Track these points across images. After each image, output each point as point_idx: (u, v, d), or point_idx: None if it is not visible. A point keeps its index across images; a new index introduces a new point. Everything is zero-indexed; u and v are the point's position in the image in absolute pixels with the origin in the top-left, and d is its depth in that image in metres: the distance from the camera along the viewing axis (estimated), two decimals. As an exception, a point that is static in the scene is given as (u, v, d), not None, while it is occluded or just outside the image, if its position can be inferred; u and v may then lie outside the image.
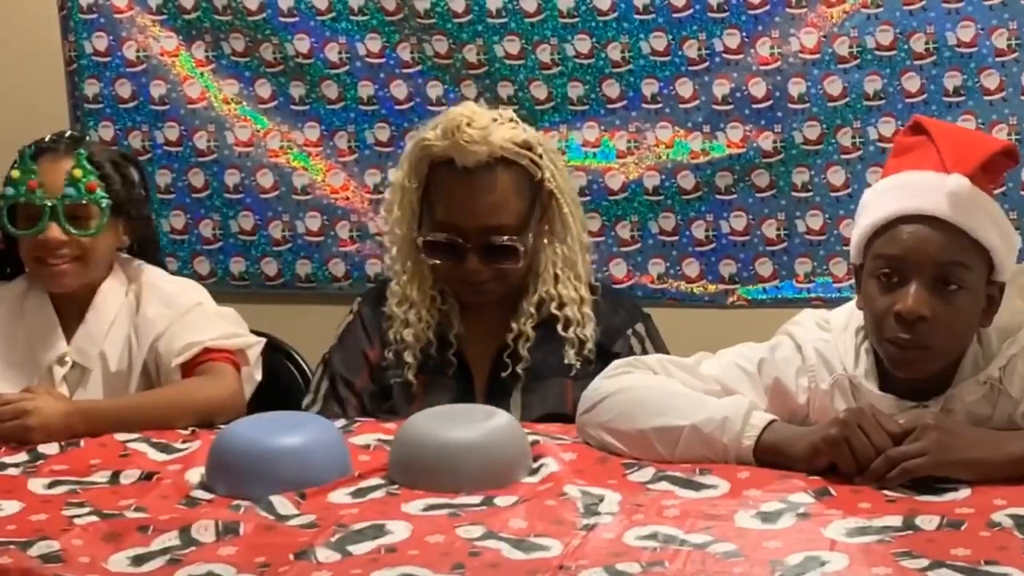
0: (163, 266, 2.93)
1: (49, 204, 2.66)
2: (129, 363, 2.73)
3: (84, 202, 2.68)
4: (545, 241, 2.68)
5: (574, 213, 2.69)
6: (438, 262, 2.64)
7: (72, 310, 2.74)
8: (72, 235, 2.67)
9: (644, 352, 2.62)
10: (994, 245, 2.13)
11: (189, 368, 2.66)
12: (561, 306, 2.64)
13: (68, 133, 2.81)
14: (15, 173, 2.69)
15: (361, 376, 2.71)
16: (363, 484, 2.14)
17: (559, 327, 2.63)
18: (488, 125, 2.59)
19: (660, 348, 2.68)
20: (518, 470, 2.16)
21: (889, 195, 2.17)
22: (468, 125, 2.57)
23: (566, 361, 2.62)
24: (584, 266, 2.70)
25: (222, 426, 2.39)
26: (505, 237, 2.58)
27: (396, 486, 2.12)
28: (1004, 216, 2.18)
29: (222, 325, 2.73)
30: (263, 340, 2.80)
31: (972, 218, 2.11)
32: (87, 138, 2.85)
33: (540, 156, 2.64)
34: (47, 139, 2.76)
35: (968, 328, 2.16)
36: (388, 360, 2.69)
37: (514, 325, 2.64)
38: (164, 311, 2.73)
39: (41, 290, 2.76)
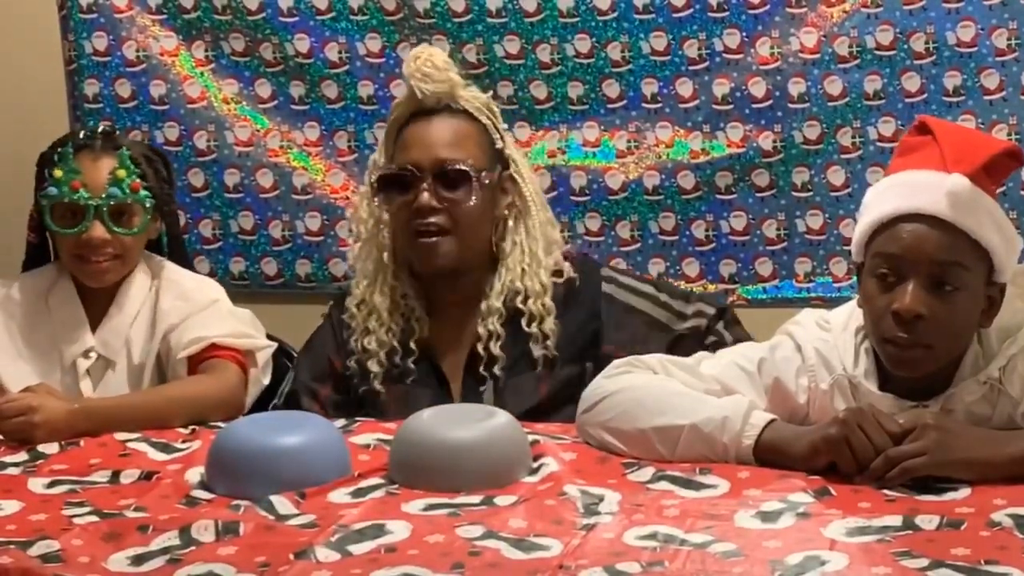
0: (190, 262, 2.96)
1: (93, 204, 2.68)
2: (146, 354, 2.75)
3: (129, 202, 2.70)
4: (511, 223, 2.67)
5: (536, 200, 2.69)
6: (386, 204, 2.64)
7: (98, 304, 2.77)
8: (116, 234, 2.70)
9: (622, 285, 2.66)
10: (994, 246, 2.13)
11: (195, 362, 2.68)
12: (526, 300, 2.62)
13: (101, 128, 2.81)
14: (57, 172, 2.70)
15: (326, 386, 2.70)
16: (363, 484, 2.14)
17: (523, 322, 2.62)
18: (448, 63, 2.64)
19: (631, 274, 2.74)
20: (518, 470, 2.16)
21: (890, 193, 2.18)
22: (429, 56, 2.62)
23: (535, 354, 2.62)
24: (546, 253, 2.66)
25: (222, 425, 2.40)
26: (459, 165, 2.59)
27: (396, 486, 2.12)
28: (1005, 217, 2.17)
29: (233, 323, 2.75)
30: (274, 344, 2.81)
31: (972, 218, 2.11)
32: (118, 133, 2.86)
33: (501, 135, 2.68)
34: (81, 136, 2.77)
35: (967, 328, 2.16)
36: (351, 369, 2.67)
37: (481, 329, 2.61)
38: (179, 303, 2.76)
39: (69, 283, 2.78)
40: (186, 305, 2.75)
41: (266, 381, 2.76)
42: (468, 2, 3.68)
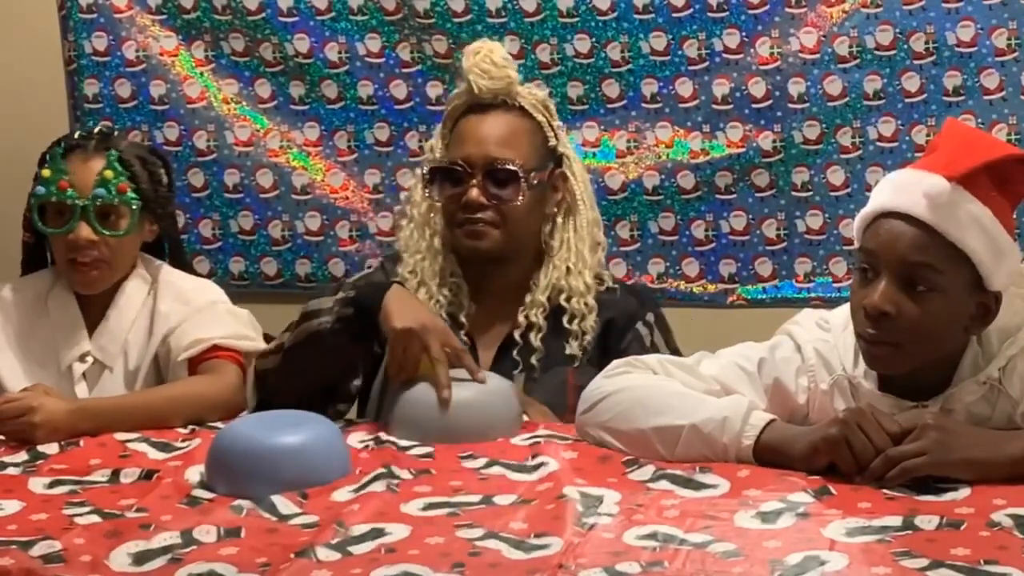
0: (189, 265, 2.96)
1: (80, 204, 2.68)
2: (143, 357, 2.74)
3: (115, 203, 2.70)
4: (561, 220, 2.70)
5: (586, 200, 2.73)
6: (437, 195, 2.66)
7: (96, 308, 2.77)
8: (102, 235, 2.69)
9: (653, 341, 2.65)
10: (977, 253, 2.09)
11: (195, 364, 2.68)
12: (569, 298, 2.66)
13: (98, 129, 2.81)
14: (46, 172, 2.70)
15: None
16: (364, 482, 2.14)
17: (564, 319, 2.65)
18: (507, 59, 2.67)
19: (669, 337, 2.70)
20: (508, 427, 2.34)
21: (883, 189, 2.18)
22: (489, 52, 2.65)
23: (568, 351, 2.64)
24: (591, 252, 2.71)
25: (221, 425, 2.40)
26: (509, 164, 2.61)
27: (396, 482, 2.12)
28: (999, 226, 2.11)
29: (233, 325, 2.75)
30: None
31: (950, 221, 2.09)
32: (115, 134, 2.86)
33: (555, 133, 2.71)
34: (77, 136, 2.77)
35: (944, 332, 2.14)
36: None
37: (522, 318, 2.65)
38: (178, 307, 2.75)
39: (66, 287, 2.78)
40: (185, 308, 2.75)
41: None
42: (468, 2, 3.69)
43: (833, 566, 1.75)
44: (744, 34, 3.60)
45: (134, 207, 2.72)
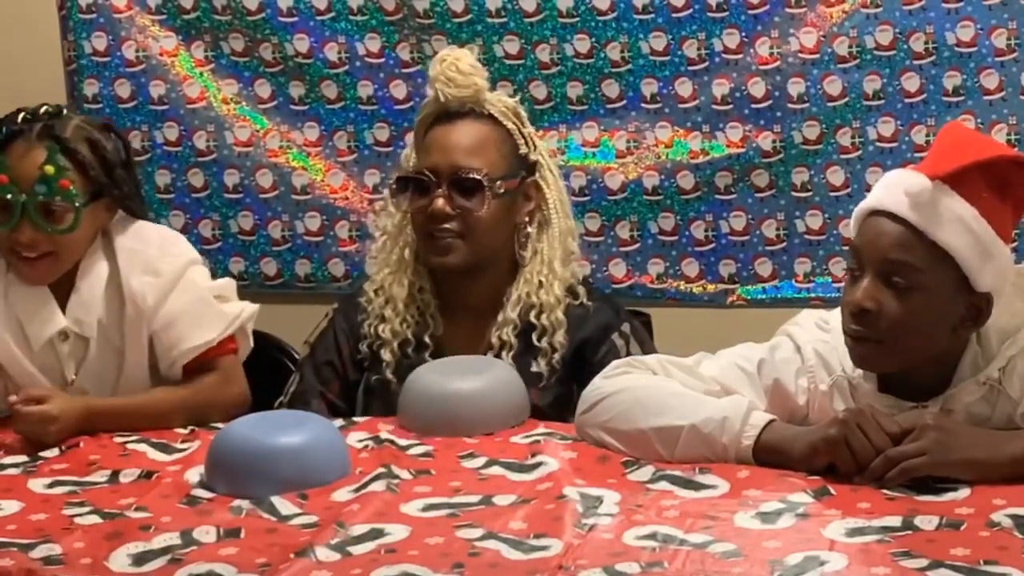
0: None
1: (20, 200, 2.53)
2: (121, 333, 2.64)
3: (57, 199, 2.54)
4: (534, 231, 2.67)
5: (560, 210, 2.70)
6: (406, 206, 2.66)
7: (60, 280, 2.63)
8: (45, 233, 2.55)
9: (629, 351, 2.61)
10: (961, 252, 2.09)
11: (192, 361, 2.65)
12: (540, 314, 2.63)
13: (43, 109, 2.62)
14: None
15: (332, 388, 2.71)
16: (364, 482, 2.14)
17: (534, 335, 2.62)
18: (474, 67, 2.64)
19: (646, 347, 2.67)
20: (514, 416, 2.40)
21: (876, 187, 2.19)
22: (455, 60, 2.62)
23: (534, 369, 2.61)
24: (563, 265, 2.68)
25: (221, 425, 2.39)
26: (473, 173, 2.59)
27: (396, 482, 2.13)
28: (987, 228, 2.10)
29: (220, 312, 2.66)
30: (256, 307, 2.73)
31: (931, 220, 2.08)
32: (63, 116, 2.65)
33: (529, 142, 2.68)
34: (19, 119, 2.60)
35: (929, 331, 2.13)
36: (363, 353, 2.69)
37: (495, 339, 2.63)
38: (150, 279, 2.62)
39: None
40: (158, 280, 2.62)
41: (251, 344, 2.73)
42: (468, 2, 3.68)
43: (833, 566, 1.76)
44: (744, 34, 3.59)
45: (77, 204, 2.56)
